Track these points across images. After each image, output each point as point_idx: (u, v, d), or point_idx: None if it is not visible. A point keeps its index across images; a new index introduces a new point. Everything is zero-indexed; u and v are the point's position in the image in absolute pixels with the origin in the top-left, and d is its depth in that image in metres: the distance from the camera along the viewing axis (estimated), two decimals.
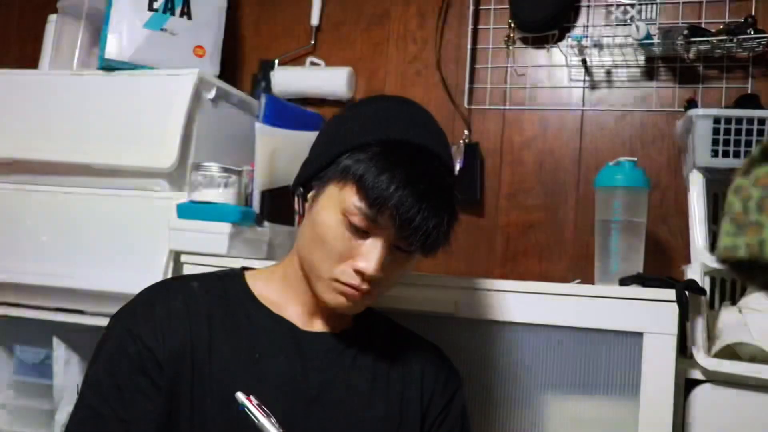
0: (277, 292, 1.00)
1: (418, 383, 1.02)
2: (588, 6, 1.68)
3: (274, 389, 0.91)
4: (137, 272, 1.37)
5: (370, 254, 0.90)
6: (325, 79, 1.80)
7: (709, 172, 1.31)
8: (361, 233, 0.90)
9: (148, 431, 0.87)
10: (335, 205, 0.90)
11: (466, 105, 1.73)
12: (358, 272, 0.90)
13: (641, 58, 1.61)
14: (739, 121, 1.27)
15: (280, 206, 1.49)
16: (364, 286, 0.91)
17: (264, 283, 1.01)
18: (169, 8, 1.61)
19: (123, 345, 0.90)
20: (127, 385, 0.88)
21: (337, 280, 0.91)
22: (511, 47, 1.71)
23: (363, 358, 0.99)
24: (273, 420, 0.80)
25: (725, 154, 1.27)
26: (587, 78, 1.67)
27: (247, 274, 1.02)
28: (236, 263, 1.28)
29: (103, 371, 0.90)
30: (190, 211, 1.38)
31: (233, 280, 1.01)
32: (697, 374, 1.18)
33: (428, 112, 1.01)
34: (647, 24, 1.51)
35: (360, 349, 1.00)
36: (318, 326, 0.99)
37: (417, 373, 1.03)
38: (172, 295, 0.94)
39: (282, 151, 1.49)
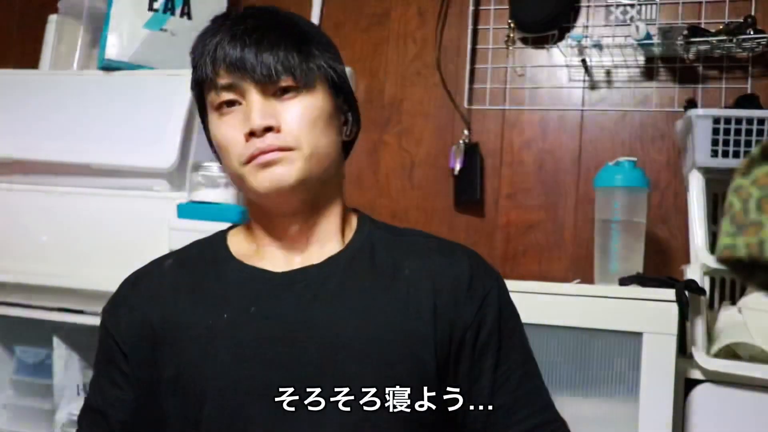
0: (251, 241, 0.95)
1: (428, 293, 0.87)
2: (588, 6, 1.68)
3: (249, 343, 0.86)
4: None
5: (248, 114, 0.86)
6: None
7: (709, 172, 1.31)
8: (234, 109, 0.86)
9: (124, 420, 0.90)
10: (207, 111, 0.90)
11: (466, 105, 1.73)
12: (252, 134, 0.85)
13: (641, 58, 1.61)
14: (738, 121, 1.27)
15: None
16: (268, 141, 0.85)
17: (242, 236, 0.97)
18: (169, 8, 1.61)
19: (100, 338, 0.94)
20: (103, 376, 0.93)
21: (248, 160, 0.85)
22: (511, 47, 1.71)
23: (352, 282, 0.88)
24: None
25: (725, 154, 1.27)
26: (587, 78, 1.67)
27: (230, 233, 0.99)
28: None
29: (94, 366, 0.96)
30: (190, 211, 1.38)
31: (214, 242, 0.98)
32: (697, 374, 1.18)
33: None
34: (647, 24, 1.52)
35: (349, 273, 0.89)
36: (297, 262, 0.91)
37: (427, 280, 0.88)
38: (139, 281, 0.96)
39: None
